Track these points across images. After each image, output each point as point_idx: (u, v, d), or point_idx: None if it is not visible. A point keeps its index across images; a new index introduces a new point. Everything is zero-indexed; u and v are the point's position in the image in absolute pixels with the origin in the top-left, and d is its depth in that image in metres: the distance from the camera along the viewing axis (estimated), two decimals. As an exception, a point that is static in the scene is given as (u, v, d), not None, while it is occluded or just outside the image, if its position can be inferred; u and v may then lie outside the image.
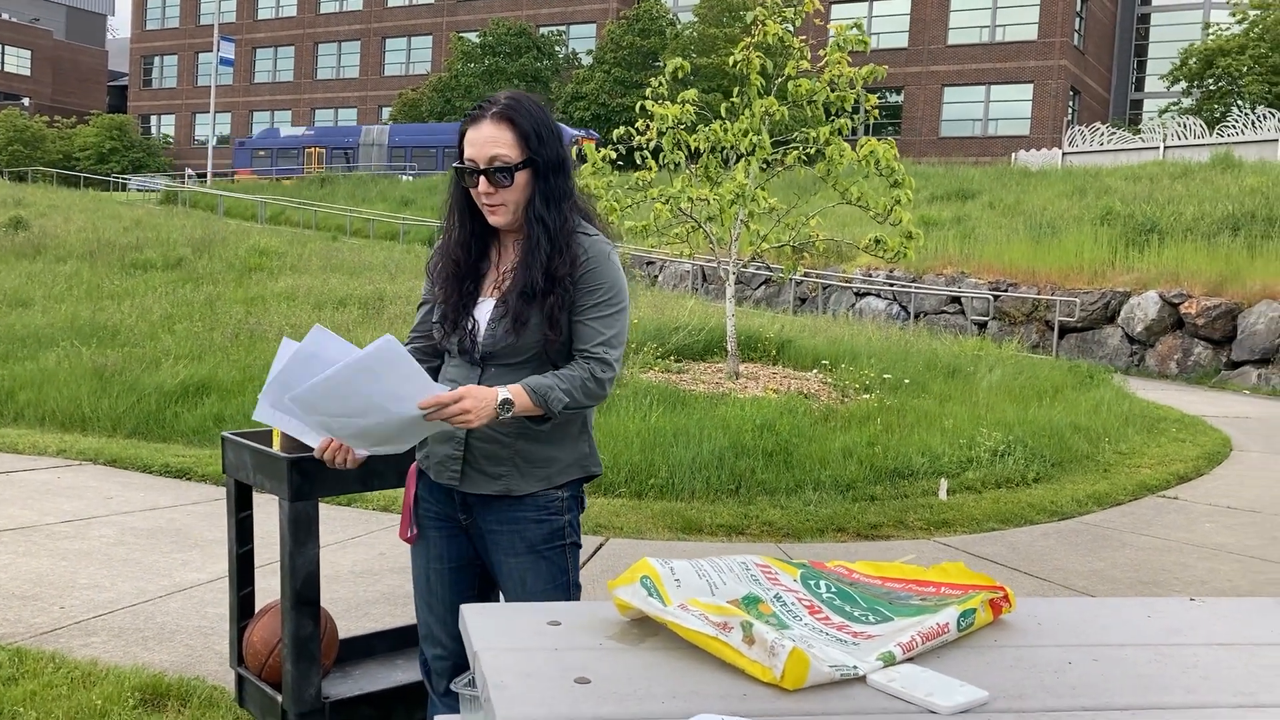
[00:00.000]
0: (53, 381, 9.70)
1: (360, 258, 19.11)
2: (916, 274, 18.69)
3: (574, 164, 2.49)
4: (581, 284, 2.36)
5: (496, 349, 2.38)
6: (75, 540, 5.53)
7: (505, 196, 2.35)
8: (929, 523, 6.49)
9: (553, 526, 2.46)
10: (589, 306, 2.37)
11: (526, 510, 2.43)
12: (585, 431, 2.52)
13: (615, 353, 2.37)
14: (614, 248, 2.45)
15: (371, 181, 36.85)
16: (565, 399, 2.29)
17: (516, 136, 2.32)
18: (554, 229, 2.35)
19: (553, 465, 2.44)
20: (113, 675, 3.55)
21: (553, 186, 2.37)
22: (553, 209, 2.36)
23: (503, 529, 2.44)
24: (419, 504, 2.55)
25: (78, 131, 54.75)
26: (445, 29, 53.24)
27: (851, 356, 10.81)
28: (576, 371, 2.33)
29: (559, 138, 2.40)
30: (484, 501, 2.44)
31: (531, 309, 2.34)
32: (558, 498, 2.46)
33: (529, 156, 2.33)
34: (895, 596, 1.71)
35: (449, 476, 2.44)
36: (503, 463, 2.40)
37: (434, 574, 2.55)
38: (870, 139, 9.29)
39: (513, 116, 2.33)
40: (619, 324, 2.39)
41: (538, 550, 2.45)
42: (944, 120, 42.88)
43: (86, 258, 17.57)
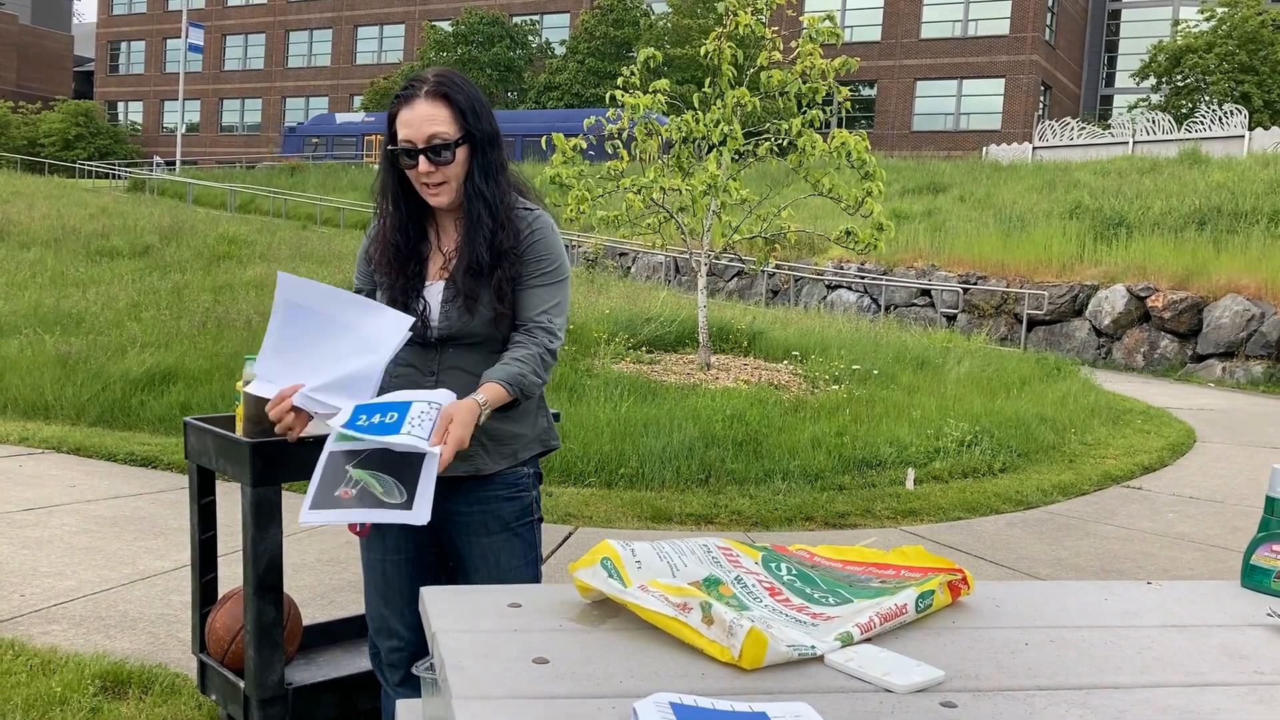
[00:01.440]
0: (14, 369, 9.58)
1: (330, 246, 18.98)
2: (888, 266, 18.78)
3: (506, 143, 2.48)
4: (528, 254, 2.36)
5: (452, 330, 2.36)
6: (36, 529, 5.47)
7: (446, 173, 2.32)
8: (896, 512, 6.52)
9: (523, 503, 2.48)
10: (534, 275, 2.37)
11: (496, 489, 2.43)
12: (543, 406, 2.54)
13: (559, 320, 2.38)
14: (555, 220, 2.47)
15: (343, 170, 36.58)
16: (536, 380, 2.30)
17: (453, 113, 2.30)
18: (494, 203, 2.34)
19: (518, 441, 2.45)
20: (73, 663, 3.52)
21: (490, 160, 2.35)
22: (491, 183, 2.35)
23: (473, 509, 2.44)
24: None
25: (43, 117, 54.08)
26: (418, 17, 52.93)
27: (822, 348, 10.86)
28: (531, 349, 2.32)
29: (491, 114, 2.39)
30: (451, 484, 2.42)
31: (480, 286, 2.33)
32: (525, 474, 2.48)
33: (466, 132, 2.31)
34: (855, 579, 1.72)
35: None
36: (470, 443, 2.39)
37: (391, 565, 2.51)
38: (842, 131, 9.32)
39: (448, 93, 2.30)
40: (561, 294, 2.40)
41: (511, 528, 2.46)
42: (916, 114, 43.08)
43: (51, 245, 17.36)
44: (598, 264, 20.13)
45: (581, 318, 10.87)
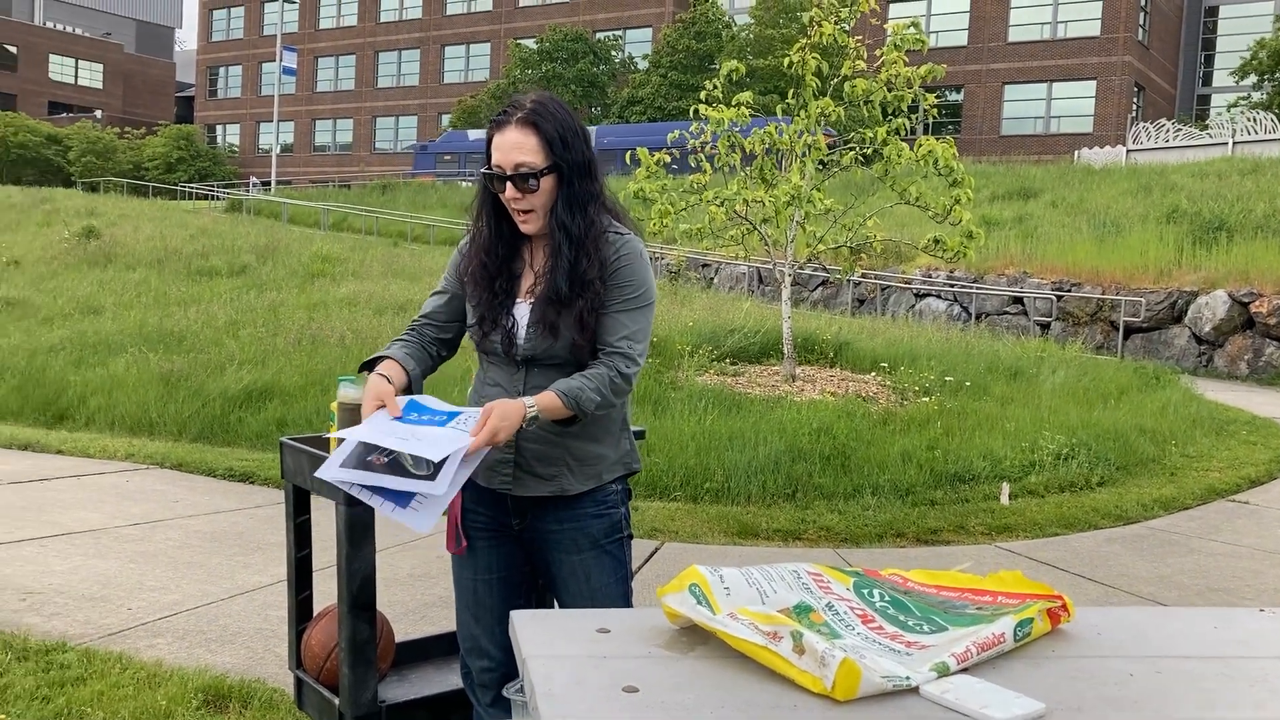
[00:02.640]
0: (122, 387, 9.92)
1: (420, 263, 19.30)
2: (978, 274, 18.44)
3: (603, 167, 2.48)
4: (612, 281, 2.36)
5: (536, 351, 2.38)
6: (142, 543, 5.64)
7: (532, 202, 2.34)
8: (990, 528, 6.39)
9: (611, 520, 2.48)
10: (617, 301, 2.37)
11: (584, 506, 2.44)
12: (626, 428, 2.54)
13: (639, 347, 2.37)
14: (644, 245, 2.46)
15: (431, 188, 37.18)
16: (596, 398, 2.30)
17: (541, 142, 2.31)
18: (577, 234, 2.35)
19: (602, 463, 2.45)
20: (177, 676, 3.62)
21: (577, 191, 2.36)
22: (576, 214, 2.36)
23: (563, 528, 2.45)
24: (466, 514, 2.53)
25: (147, 142, 55.99)
26: (503, 36, 53.65)
27: (911, 359, 10.70)
28: (602, 370, 2.33)
29: (585, 140, 2.39)
30: (539, 504, 2.44)
31: (561, 315, 2.35)
32: (612, 491, 2.48)
33: (553, 162, 2.32)
34: (950, 606, 1.68)
35: (501, 481, 2.44)
36: (554, 463, 2.41)
37: (482, 585, 2.54)
38: (929, 138, 9.18)
39: (537, 121, 2.32)
40: (644, 320, 2.40)
41: (600, 545, 2.46)
42: (1005, 118, 42.30)
43: (155, 265, 17.96)
44: (680, 276, 20.12)
45: (665, 330, 10.88)
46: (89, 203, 29.44)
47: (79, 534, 5.79)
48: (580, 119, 2.42)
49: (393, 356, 2.43)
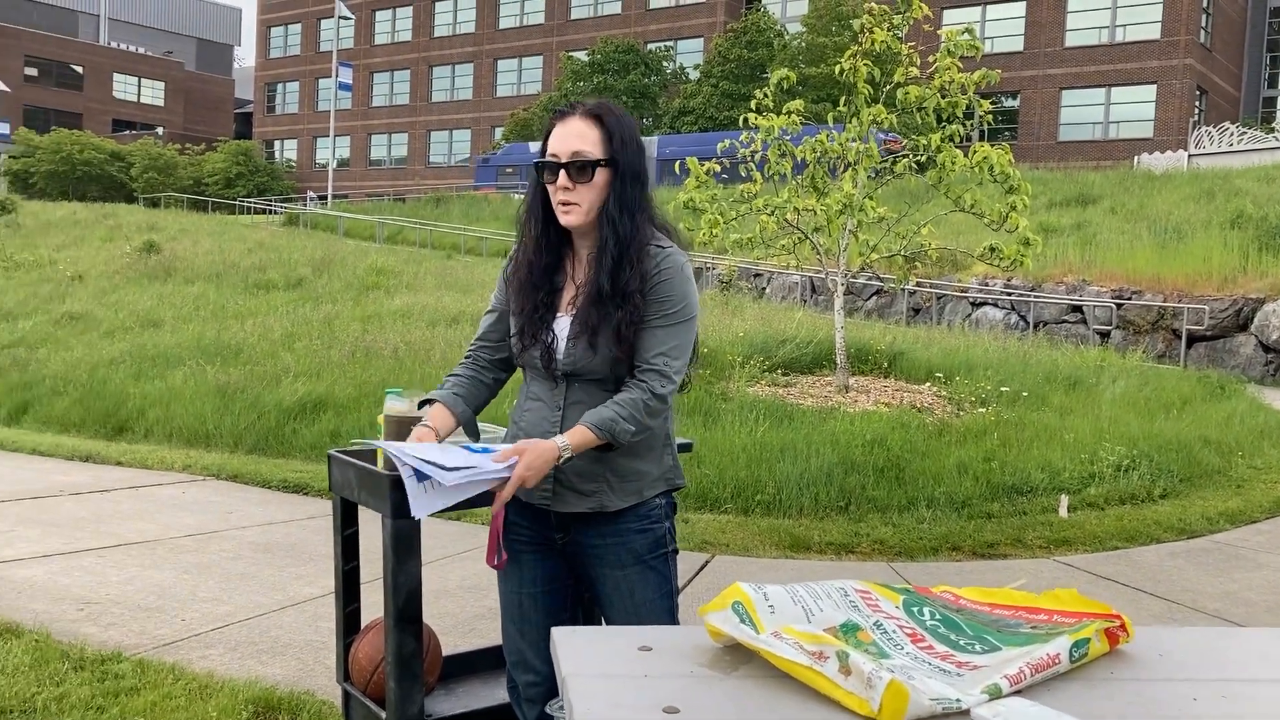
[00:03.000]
0: (179, 399, 10.08)
1: (473, 275, 19.43)
2: (1035, 282, 18.16)
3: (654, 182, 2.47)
4: (651, 295, 2.33)
5: (576, 367, 2.36)
6: (197, 554, 5.71)
7: (581, 195, 2.33)
8: (1049, 541, 6.25)
9: (655, 535, 2.44)
10: (656, 315, 2.33)
11: (628, 521, 2.41)
12: (668, 444, 2.49)
13: (676, 364, 2.33)
14: (688, 260, 2.41)
15: (485, 201, 37.46)
16: (631, 428, 2.27)
17: (602, 135, 2.33)
18: (624, 234, 2.33)
19: (643, 479, 2.42)
20: (228, 688, 3.64)
21: (629, 194, 2.35)
22: (625, 215, 2.34)
23: (606, 543, 2.42)
24: (509, 528, 2.51)
25: (206, 158, 57.04)
26: (555, 49, 53.97)
27: (967, 368, 10.54)
28: (635, 395, 2.29)
29: (642, 151, 2.40)
30: (581, 519, 2.42)
31: (602, 318, 2.32)
32: (656, 505, 2.44)
33: (612, 157, 2.33)
34: (1004, 624, 1.63)
35: (540, 497, 2.42)
36: (594, 479, 2.38)
37: (527, 599, 2.52)
38: (984, 145, 9.06)
39: (601, 115, 2.34)
40: (683, 336, 2.35)
41: (644, 560, 2.42)
42: (1062, 124, 41.68)
43: (213, 279, 18.27)
44: (732, 286, 20.04)
45: (715, 341, 10.82)
46: (150, 218, 30.06)
47: (136, 545, 5.87)
48: (638, 129, 2.42)
49: (443, 401, 2.46)
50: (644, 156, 2.41)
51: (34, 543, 5.86)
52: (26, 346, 13.72)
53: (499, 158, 46.35)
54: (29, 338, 14.27)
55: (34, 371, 12.14)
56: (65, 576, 5.18)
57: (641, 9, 51.47)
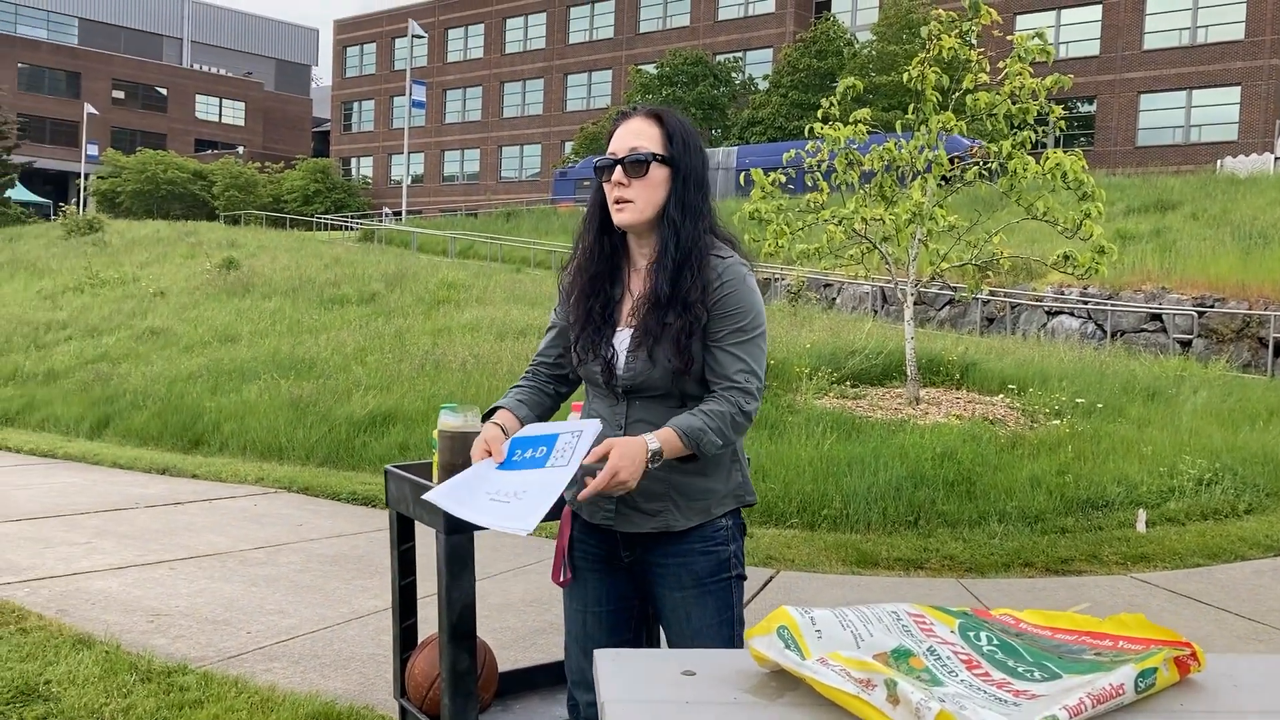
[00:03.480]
0: (254, 413, 10.27)
1: (541, 288, 19.53)
2: (1113, 290, 17.74)
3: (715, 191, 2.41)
4: (717, 309, 2.26)
5: (636, 381, 2.29)
6: (265, 566, 5.78)
7: (636, 192, 2.27)
8: (1125, 557, 6.06)
9: (719, 558, 2.35)
10: (727, 331, 2.26)
11: (692, 542, 2.34)
12: (737, 460, 2.40)
13: (757, 382, 2.26)
14: (750, 270, 2.33)
15: (554, 215, 37.69)
16: (718, 440, 2.19)
17: (661, 134, 2.29)
18: (685, 238, 2.27)
19: (711, 497, 2.34)
20: (289, 702, 3.66)
21: (690, 197, 2.29)
22: (688, 219, 2.28)
23: (668, 563, 2.36)
24: (574, 546, 2.46)
25: (285, 176, 58.26)
26: (624, 62, 54.24)
27: (1041, 379, 10.31)
28: (723, 407, 2.22)
29: (703, 158, 2.35)
30: (647, 537, 2.36)
31: (663, 326, 2.25)
32: (722, 527, 2.35)
33: (670, 156, 2.28)
34: (1066, 650, 1.56)
35: (603, 517, 2.37)
36: (658, 499, 2.31)
37: (591, 617, 2.47)
38: (1056, 151, 8.87)
39: (661, 115, 2.31)
40: (758, 351, 2.28)
41: (704, 584, 2.34)
42: (1140, 129, 40.75)
43: (289, 294, 18.59)
44: (800, 297, 19.86)
45: (783, 353, 10.72)
46: (230, 235, 30.75)
47: (207, 557, 5.97)
48: (703, 142, 2.37)
49: (507, 407, 2.41)
50: (706, 163, 2.36)
51: (110, 554, 5.99)
52: (110, 361, 14.09)
53: (577, 170, 46.19)
54: (112, 353, 14.66)
55: (116, 386, 12.46)
56: (138, 588, 5.28)
57: (710, 20, 51.51)
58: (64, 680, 3.73)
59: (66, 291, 20.84)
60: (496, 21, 60.08)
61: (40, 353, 15.45)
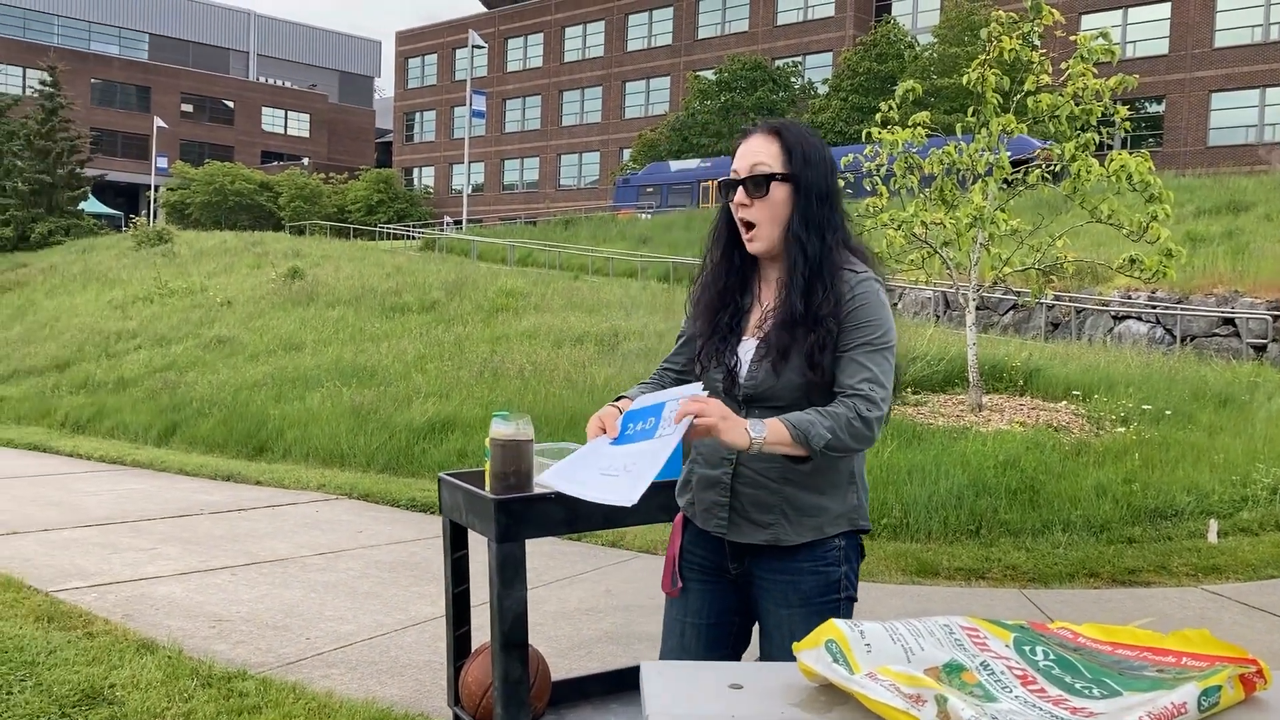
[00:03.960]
0: (316, 420, 10.40)
1: (599, 295, 19.57)
2: (1182, 294, 17.34)
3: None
4: (847, 321, 2.23)
5: (758, 391, 2.27)
6: (325, 572, 5.84)
7: (760, 213, 2.28)
8: (1196, 568, 5.90)
9: (829, 578, 2.31)
10: (855, 344, 2.22)
11: (801, 560, 2.30)
12: (854, 482, 2.34)
13: (882, 391, 2.19)
14: (883, 285, 2.30)
15: (611, 222, 37.80)
16: (828, 435, 2.12)
17: (781, 150, 2.28)
18: (813, 254, 2.25)
19: (822, 515, 2.29)
20: (345, 708, 3.69)
21: (814, 211, 2.27)
22: (813, 234, 2.26)
23: (776, 578, 2.32)
24: (684, 554, 2.44)
25: (349, 186, 59.14)
26: (682, 69, 54.28)
27: (1107, 385, 10.10)
28: (841, 409, 2.16)
29: (830, 168, 2.32)
30: (756, 550, 2.33)
31: (793, 343, 2.23)
32: (834, 546, 2.31)
33: (791, 172, 2.27)
34: (1127, 667, 1.51)
35: (716, 524, 2.34)
36: (770, 510, 2.28)
37: (690, 628, 2.43)
38: (1121, 153, 8.69)
39: (780, 130, 2.30)
40: (885, 363, 2.23)
41: (811, 603, 2.29)
42: (1211, 129, 39.84)
43: (352, 303, 18.83)
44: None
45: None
46: (295, 245, 31.22)
47: (268, 563, 6.05)
48: (828, 148, 2.34)
49: (628, 395, 2.41)
50: (833, 176, 2.33)
51: (174, 560, 6.09)
52: (177, 370, 14.38)
53: (640, 177, 45.73)
54: (180, 361, 14.95)
55: (183, 394, 12.70)
56: (200, 594, 5.36)
57: (769, 26, 51.37)
58: (128, 684, 3.80)
59: (136, 301, 21.31)
60: (555, 30, 60.48)
61: (111, 361, 15.81)
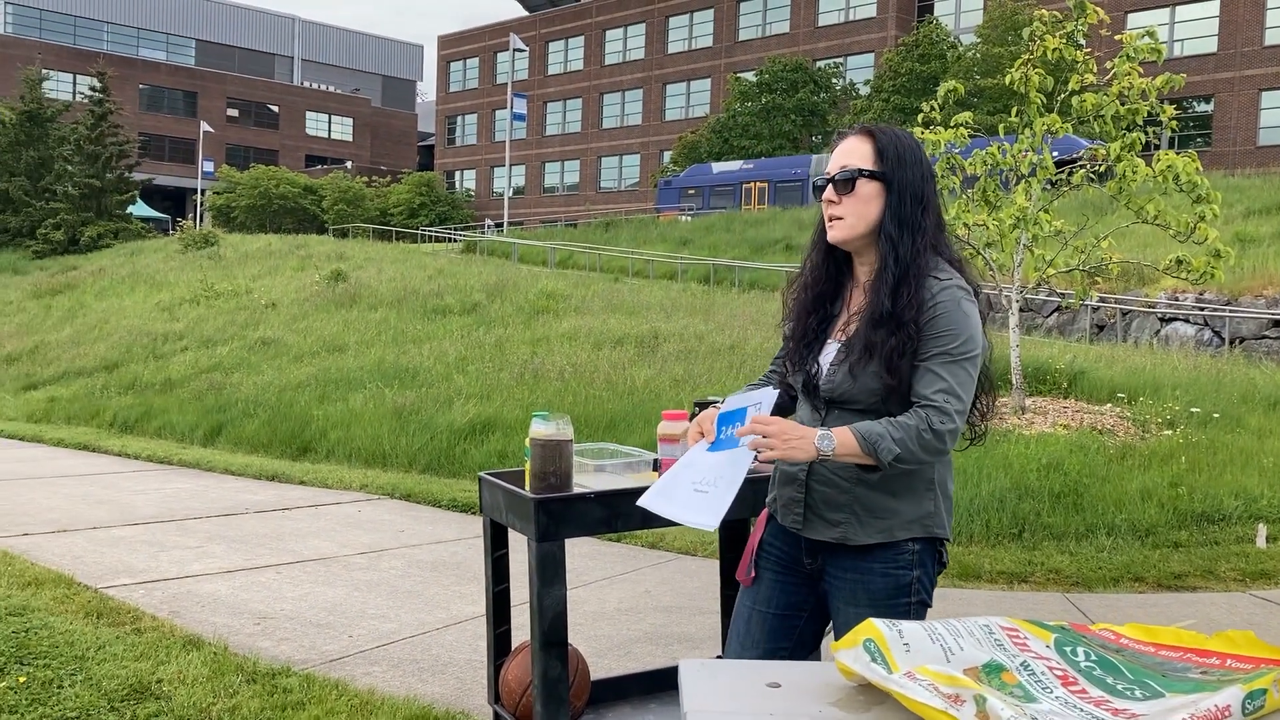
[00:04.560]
0: (359, 421, 10.50)
1: (639, 298, 19.60)
2: (1231, 296, 17.08)
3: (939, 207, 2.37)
4: (927, 330, 2.22)
5: (836, 394, 2.30)
6: (368, 571, 5.90)
7: (846, 208, 2.30)
8: (1244, 573, 5.81)
9: (899, 581, 2.32)
10: (933, 353, 2.22)
11: (873, 560, 2.32)
12: (933, 489, 2.34)
13: (957, 404, 2.19)
14: (969, 295, 2.28)
15: (652, 224, 37.82)
16: (896, 449, 2.15)
17: (873, 149, 2.30)
18: (904, 253, 2.26)
19: (893, 518, 2.30)
20: (387, 705, 3.72)
21: (906, 211, 2.28)
22: (905, 233, 2.27)
23: (847, 576, 2.35)
24: (762, 546, 2.49)
25: (392, 190, 59.61)
26: (723, 70, 54.19)
27: (1153, 388, 9.97)
28: (912, 420, 2.18)
29: (926, 173, 2.33)
30: (829, 548, 2.36)
31: (875, 347, 2.25)
32: (907, 549, 2.32)
33: (881, 171, 2.29)
34: (1170, 668, 1.50)
35: (792, 520, 2.40)
36: (840, 509, 2.32)
37: (756, 617, 2.48)
38: (1169, 153, 8.58)
39: (874, 131, 2.33)
40: (964, 374, 2.22)
41: (879, 603, 2.31)
42: (1262, 128, 39.16)
43: (394, 305, 18.98)
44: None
45: (886, 362, 10.54)
46: (338, 248, 31.54)
47: (312, 562, 6.12)
48: (926, 154, 2.36)
49: (718, 402, 2.48)
50: (929, 182, 2.34)
51: (220, 558, 6.18)
52: (223, 371, 14.58)
53: (682, 179, 45.52)
54: (225, 362, 15.16)
55: (228, 395, 12.87)
56: (245, 592, 5.43)
57: (810, 27, 51.17)
58: (174, 680, 3.86)
59: (183, 303, 21.63)
60: (596, 33, 60.62)
61: (158, 363, 16.05)
